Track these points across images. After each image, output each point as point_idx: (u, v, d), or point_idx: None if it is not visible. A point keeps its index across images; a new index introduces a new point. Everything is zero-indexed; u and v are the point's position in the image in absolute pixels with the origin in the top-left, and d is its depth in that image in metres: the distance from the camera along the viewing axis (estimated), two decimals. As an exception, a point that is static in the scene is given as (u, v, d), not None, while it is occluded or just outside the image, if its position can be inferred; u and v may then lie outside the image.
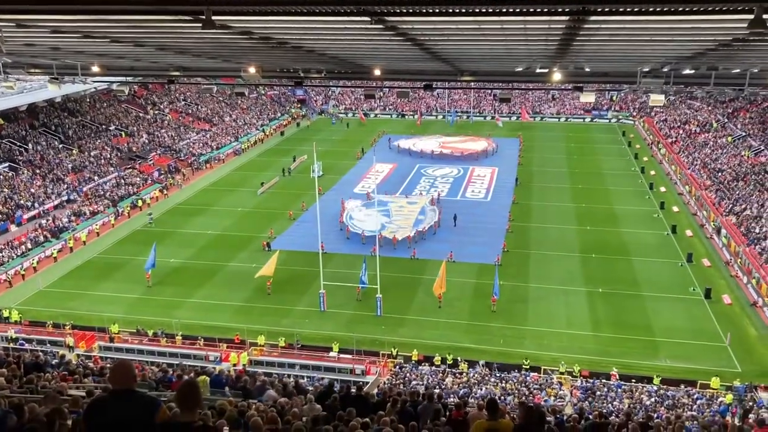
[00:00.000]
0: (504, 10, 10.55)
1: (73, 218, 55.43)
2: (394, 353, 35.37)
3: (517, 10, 10.53)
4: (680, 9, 10.02)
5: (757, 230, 46.78)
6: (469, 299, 41.21)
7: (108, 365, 21.50)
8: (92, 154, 67.59)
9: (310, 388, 19.62)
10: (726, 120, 73.90)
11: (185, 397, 5.21)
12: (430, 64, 22.93)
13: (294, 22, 12.60)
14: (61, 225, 53.92)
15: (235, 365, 33.10)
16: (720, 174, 60.27)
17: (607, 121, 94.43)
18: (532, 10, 10.54)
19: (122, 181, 64.68)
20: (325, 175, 64.78)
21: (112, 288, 44.39)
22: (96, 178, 63.54)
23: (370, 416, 11.85)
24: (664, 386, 31.44)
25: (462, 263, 45.97)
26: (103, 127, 74.37)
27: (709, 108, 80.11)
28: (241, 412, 10.97)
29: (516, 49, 17.97)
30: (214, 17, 10.38)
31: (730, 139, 67.68)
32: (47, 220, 54.13)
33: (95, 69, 27.22)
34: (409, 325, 38.93)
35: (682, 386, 31.60)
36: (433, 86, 27.95)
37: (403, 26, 12.99)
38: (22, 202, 55.06)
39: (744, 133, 67.26)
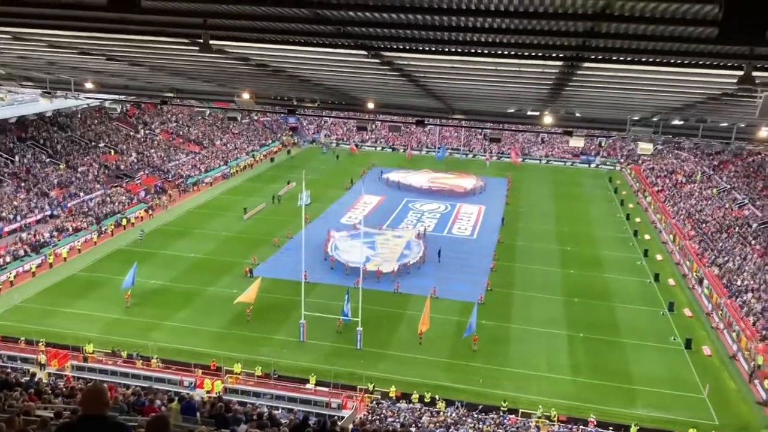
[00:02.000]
0: (499, 52, 10.68)
1: (55, 233, 54.83)
2: (371, 388, 34.96)
3: (512, 53, 10.66)
4: (672, 61, 10.20)
5: (738, 283, 47.09)
6: (450, 337, 40.96)
7: (80, 386, 21.06)
8: (79, 170, 67.22)
9: (285, 421, 19.29)
10: (712, 172, 74.93)
11: None
12: (423, 100, 23.12)
13: (291, 52, 12.67)
14: (42, 240, 53.29)
15: (209, 392, 32.56)
16: (704, 225, 60.86)
17: (595, 166, 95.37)
18: (527, 54, 10.68)
19: (108, 198, 64.24)
20: (312, 203, 64.73)
21: (89, 306, 43.74)
22: (81, 194, 63.07)
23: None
24: (642, 435, 31.28)
25: (445, 299, 45.83)
26: (93, 143, 74.12)
27: (696, 159, 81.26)
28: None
29: (509, 91, 18.17)
30: (211, 42, 10.41)
31: (715, 191, 68.54)
32: (28, 234, 53.50)
33: (89, 85, 27.19)
34: (389, 360, 38.57)
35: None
36: (425, 122, 28.11)
37: (399, 62, 13.11)
38: (3, 214, 54.44)
39: (729, 186, 68.16)
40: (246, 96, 23.68)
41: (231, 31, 10.67)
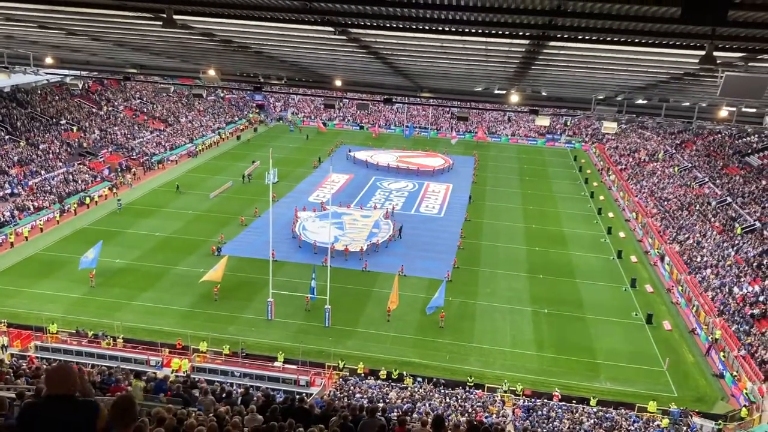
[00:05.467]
0: (466, 30, 10.69)
1: (16, 212, 53.64)
2: (340, 366, 35.17)
3: (479, 31, 10.69)
4: (636, 41, 10.33)
5: (698, 259, 48.27)
6: (417, 314, 41.31)
7: (45, 366, 20.80)
8: (40, 147, 65.66)
9: (254, 399, 19.30)
10: (674, 151, 76.28)
11: (121, 414, 4.92)
12: (391, 78, 23.07)
13: (257, 27, 12.51)
14: (2, 219, 52.09)
15: (176, 371, 32.41)
16: (666, 203, 62.09)
17: (561, 145, 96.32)
18: (493, 32, 10.71)
19: (70, 177, 62.97)
20: (280, 182, 64.28)
21: (53, 286, 43.03)
22: (43, 172, 61.69)
23: (311, 429, 11.72)
24: (603, 408, 32.08)
25: (413, 277, 46.13)
26: (54, 120, 72.38)
27: (659, 138, 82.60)
28: (180, 421, 10.72)
29: (476, 70, 18.22)
30: (175, 16, 10.23)
31: (676, 169, 69.85)
32: (-12, 213, 52.28)
33: (49, 61, 26.52)
34: (357, 337, 38.79)
35: (621, 408, 32.27)
36: (393, 100, 28.08)
37: (367, 39, 13.05)
38: (-38, 192, 53.07)
39: (690, 165, 69.52)
40: (211, 72, 23.36)
41: (195, 5, 10.50)
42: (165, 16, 10.14)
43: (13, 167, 60.12)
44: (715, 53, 9.26)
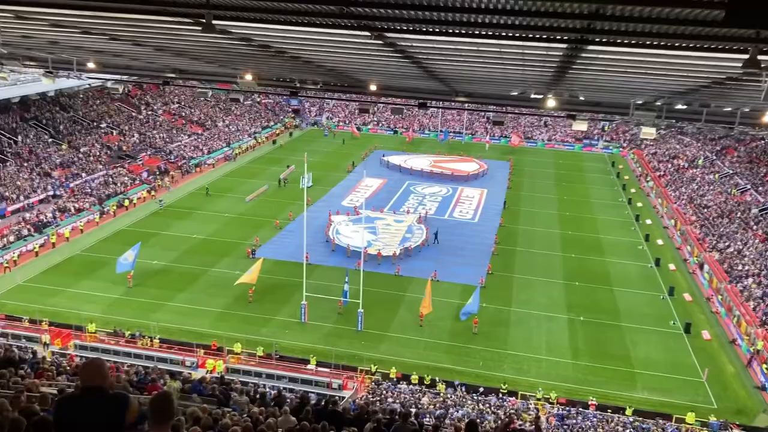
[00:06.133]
0: (503, 34, 10.63)
1: (57, 214, 54.96)
2: (374, 370, 35.19)
3: (516, 35, 10.61)
4: (677, 45, 10.15)
5: (739, 268, 47.16)
6: (451, 319, 41.13)
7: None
8: (82, 150, 67.17)
9: (287, 400, 19.44)
10: (714, 157, 74.73)
11: (159, 410, 5.03)
12: (426, 82, 23.03)
13: (294, 32, 12.62)
14: (45, 220, 53.42)
15: (210, 372, 32.79)
16: (706, 210, 60.82)
17: (598, 150, 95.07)
18: (531, 36, 10.63)
19: (110, 179, 64.27)
20: (314, 186, 64.64)
21: (92, 286, 43.94)
22: (84, 174, 63.09)
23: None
24: (640, 418, 31.49)
25: (446, 283, 45.95)
26: (95, 124, 74.00)
27: (699, 144, 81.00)
28: (215, 420, 10.84)
29: (512, 74, 18.09)
30: (214, 21, 10.37)
31: (717, 176, 68.40)
32: (31, 214, 53.62)
33: (91, 65, 27.11)
34: (389, 342, 38.77)
35: (658, 419, 31.65)
36: (428, 105, 28.01)
37: (402, 43, 13.06)
38: (7, 194, 54.51)
39: (731, 171, 68.02)
40: (248, 77, 23.61)
41: (234, 11, 10.63)
42: (204, 21, 10.28)
43: (56, 169, 61.59)
44: (760, 57, 9.04)
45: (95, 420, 4.96)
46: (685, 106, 23.40)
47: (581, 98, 24.79)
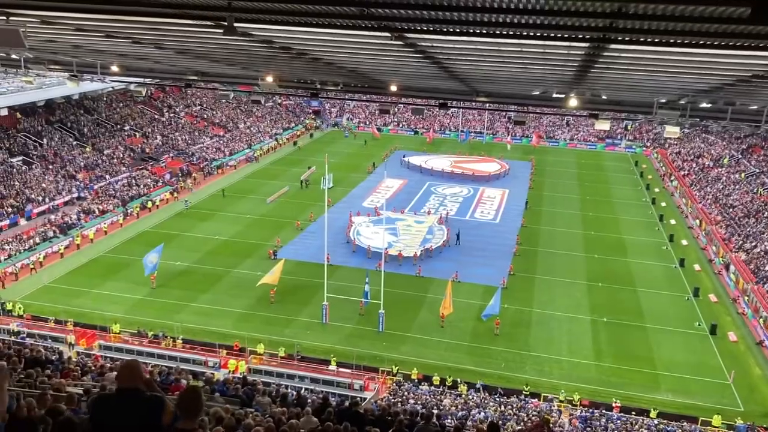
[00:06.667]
0: (524, 33, 10.56)
1: (82, 215, 55.70)
2: (395, 371, 35.16)
3: (538, 34, 10.54)
4: (701, 43, 10.01)
5: (766, 268, 46.39)
6: (472, 320, 40.98)
7: (108, 365, 21.47)
8: (105, 152, 68.02)
9: (309, 401, 19.48)
10: (740, 156, 73.65)
11: (188, 405, 5.12)
12: (446, 82, 22.98)
13: (315, 34, 12.65)
14: (69, 221, 54.16)
15: (233, 372, 33.00)
16: (731, 210, 59.95)
17: (621, 149, 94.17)
18: (552, 35, 10.55)
19: (133, 181, 64.98)
20: (335, 187, 64.85)
21: (115, 287, 44.46)
22: (107, 176, 63.87)
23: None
24: (665, 421, 31.11)
25: (467, 284, 45.80)
26: (118, 126, 74.90)
27: (724, 143, 79.87)
28: (237, 420, 10.90)
29: (534, 73, 17.98)
30: (236, 24, 10.43)
31: (743, 175, 67.39)
32: (56, 216, 54.40)
33: (114, 69, 27.41)
34: (411, 343, 38.73)
35: (683, 422, 31.25)
36: (448, 105, 27.94)
37: (423, 44, 13.03)
38: (33, 196, 55.38)
39: (757, 170, 66.97)
40: (269, 79, 23.71)
41: (255, 13, 10.67)
42: (226, 23, 10.34)
43: (80, 172, 62.44)
44: (787, 54, 8.88)
45: (131, 421, 5.04)
46: (709, 105, 23.09)
47: (603, 97, 24.57)
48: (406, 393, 32.01)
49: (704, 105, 23.20)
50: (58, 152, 63.98)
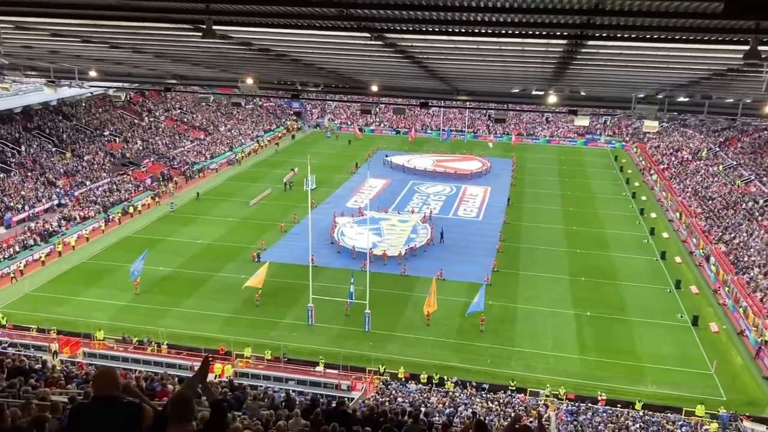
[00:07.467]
0: (503, 32, 10.64)
1: (63, 222, 55.12)
2: (382, 370, 35.20)
3: (516, 32, 10.63)
4: (677, 38, 10.15)
5: (745, 259, 47.03)
6: (457, 318, 41.13)
7: (93, 371, 21.30)
8: (85, 158, 67.36)
9: (297, 402, 19.46)
10: (718, 149, 74.55)
11: (179, 410, 5.06)
12: (427, 82, 23.06)
13: (294, 35, 12.66)
14: (50, 229, 53.57)
15: (219, 376, 32.85)
16: (710, 202, 60.68)
17: (601, 145, 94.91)
18: (530, 33, 10.64)
19: (114, 187, 64.44)
20: (318, 188, 64.79)
21: (99, 294, 44.06)
22: (88, 182, 63.27)
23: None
24: (650, 412, 31.44)
25: (452, 281, 45.95)
26: (98, 132, 74.22)
27: (702, 136, 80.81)
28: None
29: (513, 71, 18.11)
30: (214, 27, 10.41)
31: (721, 167, 68.23)
32: (37, 224, 53.79)
33: (92, 74, 27.22)
34: (397, 341, 38.79)
35: (668, 413, 31.60)
36: (429, 104, 28.04)
37: (403, 44, 13.08)
38: (12, 204, 54.70)
39: (735, 163, 67.83)
40: (249, 81, 23.66)
41: (234, 15, 10.66)
42: (204, 26, 10.31)
43: (60, 178, 61.80)
44: (760, 48, 9.03)
45: (110, 429, 4.98)
46: (687, 99, 23.38)
47: (582, 94, 24.79)
48: (393, 392, 32.07)
49: (681, 99, 23.49)
50: (37, 159, 63.27)
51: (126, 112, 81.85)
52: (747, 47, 9.11)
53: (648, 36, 10.19)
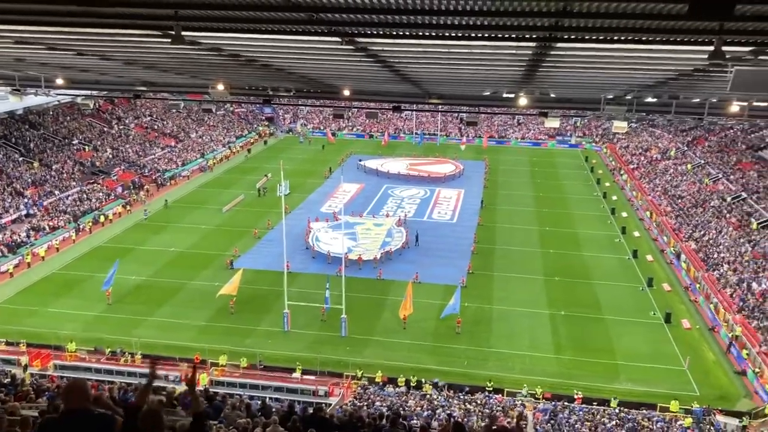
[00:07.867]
0: (473, 35, 10.70)
1: (31, 233, 54.11)
2: (360, 375, 35.10)
3: (486, 35, 10.69)
4: (644, 39, 10.30)
5: (715, 256, 47.86)
6: (433, 320, 41.19)
7: (64, 384, 20.92)
8: (54, 167, 66.27)
9: (273, 410, 19.29)
10: (686, 148, 75.80)
11: (150, 423, 5.01)
12: (399, 85, 23.12)
13: (264, 41, 12.60)
14: (18, 240, 52.57)
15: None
16: (680, 200, 61.66)
17: (571, 146, 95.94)
18: (500, 36, 10.72)
19: (84, 196, 63.48)
20: (291, 193, 64.49)
21: (70, 305, 43.31)
22: (57, 192, 62.24)
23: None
24: (625, 409, 31.80)
25: (427, 284, 46.03)
26: (66, 140, 73.08)
27: (670, 136, 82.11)
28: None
29: (484, 74, 18.22)
30: (183, 33, 10.31)
31: (689, 166, 69.38)
32: (4, 235, 52.74)
33: (59, 81, 26.81)
34: (374, 345, 38.72)
35: (643, 409, 31.98)
36: (402, 108, 28.12)
37: (374, 48, 13.09)
38: (-22, 215, 53.60)
39: (703, 161, 69.03)
40: (220, 87, 23.49)
41: (202, 21, 10.58)
42: (173, 32, 10.22)
43: (28, 188, 60.71)
44: (724, 48, 9.20)
45: None
46: (654, 99, 23.75)
47: (552, 95, 25.04)
48: (371, 396, 32.00)
49: (649, 99, 23.85)
50: (3, 169, 62.07)
51: (95, 120, 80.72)
52: (712, 48, 9.27)
53: (615, 37, 10.32)
